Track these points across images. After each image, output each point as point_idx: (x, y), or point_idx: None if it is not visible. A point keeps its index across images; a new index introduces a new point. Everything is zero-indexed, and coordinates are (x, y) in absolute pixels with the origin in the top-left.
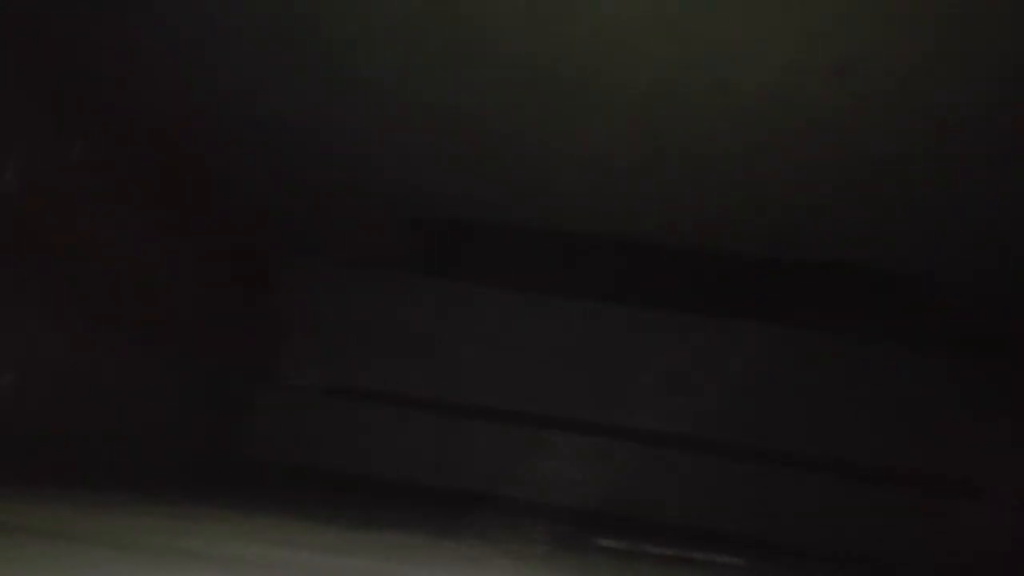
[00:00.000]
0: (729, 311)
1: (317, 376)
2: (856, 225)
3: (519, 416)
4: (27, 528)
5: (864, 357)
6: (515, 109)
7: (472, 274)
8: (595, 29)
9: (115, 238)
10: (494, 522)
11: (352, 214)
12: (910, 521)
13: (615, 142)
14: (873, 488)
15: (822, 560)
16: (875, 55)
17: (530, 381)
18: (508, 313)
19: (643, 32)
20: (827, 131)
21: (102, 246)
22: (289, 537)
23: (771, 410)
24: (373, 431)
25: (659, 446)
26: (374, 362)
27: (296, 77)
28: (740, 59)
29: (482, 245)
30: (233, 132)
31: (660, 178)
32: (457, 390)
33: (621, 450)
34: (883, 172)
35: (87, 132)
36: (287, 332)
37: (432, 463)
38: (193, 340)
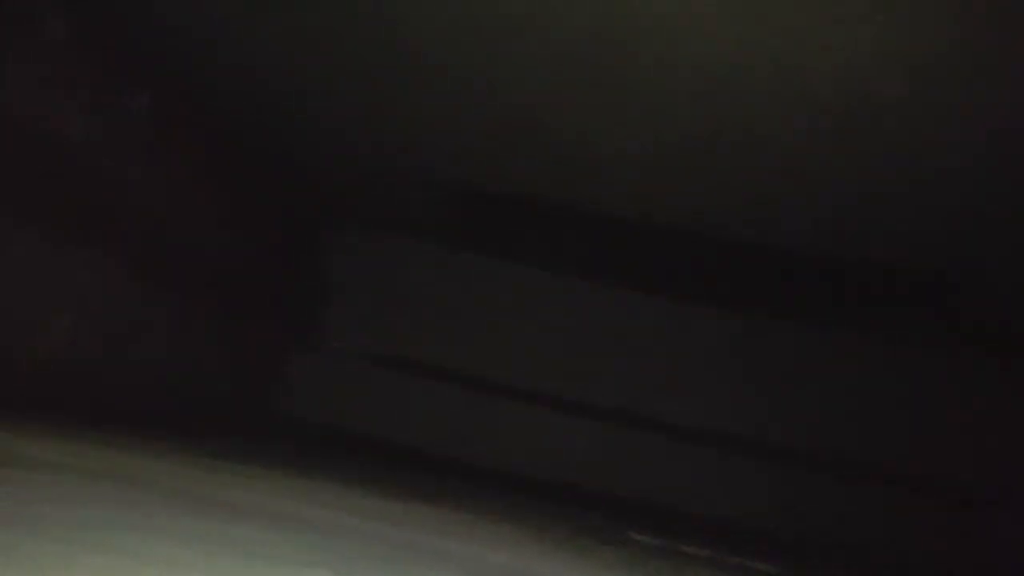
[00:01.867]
0: (765, 308)
1: (360, 343)
2: (908, 223)
3: (556, 399)
4: (79, 469)
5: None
6: (568, 90)
7: (513, 252)
8: (661, 6)
9: (171, 197)
10: (530, 506)
11: (399, 186)
12: (950, 528)
13: (671, 127)
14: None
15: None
16: (952, 55)
17: (570, 366)
18: (546, 294)
19: (707, 15)
20: (893, 127)
21: (159, 203)
22: (339, 502)
23: (799, 410)
24: (410, 400)
25: (693, 441)
26: (414, 332)
27: (348, 60)
28: (811, 47)
29: (524, 223)
30: (286, 105)
31: (711, 165)
32: (494, 368)
33: (652, 441)
34: (945, 173)
35: (151, 92)
36: (333, 299)
37: (466, 439)
38: (240, 300)
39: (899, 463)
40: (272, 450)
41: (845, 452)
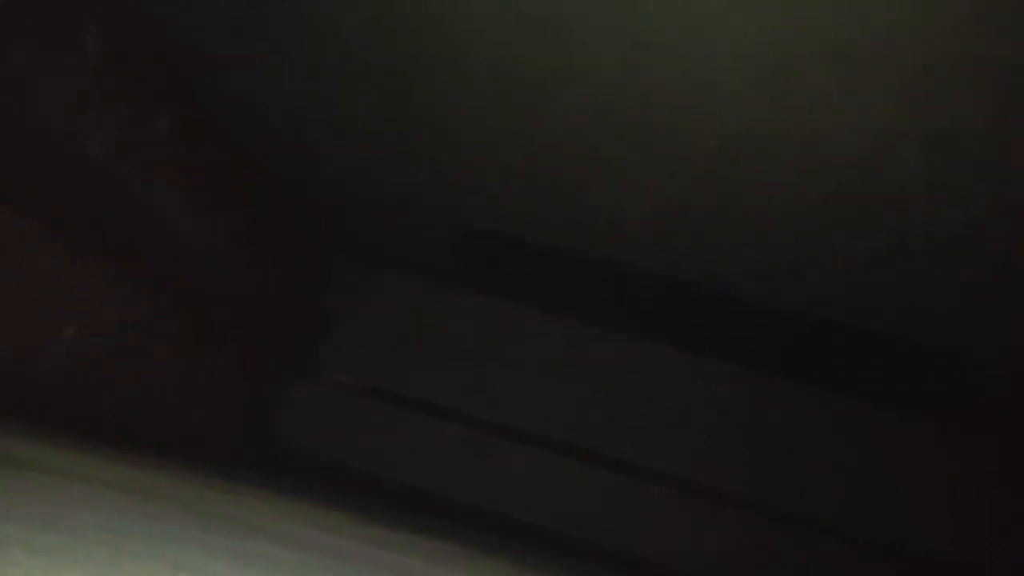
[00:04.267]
0: (769, 368)
1: (357, 377)
2: (914, 297)
3: (548, 441)
4: (93, 479)
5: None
6: (588, 140)
7: (517, 294)
8: (691, 71)
9: (186, 221)
10: (525, 546)
11: (405, 224)
12: None
13: (686, 183)
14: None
15: None
16: (965, 127)
17: (571, 412)
18: (548, 338)
19: (738, 82)
20: (908, 199)
21: (173, 226)
22: (342, 528)
23: (794, 472)
24: (408, 437)
25: (678, 494)
26: (416, 370)
27: (362, 94)
28: (834, 122)
29: (531, 267)
30: (299, 140)
31: (723, 225)
32: (495, 410)
33: (641, 492)
34: (956, 247)
35: (168, 115)
36: (334, 332)
37: (462, 478)
38: (244, 327)
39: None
40: (272, 477)
41: (840, 520)
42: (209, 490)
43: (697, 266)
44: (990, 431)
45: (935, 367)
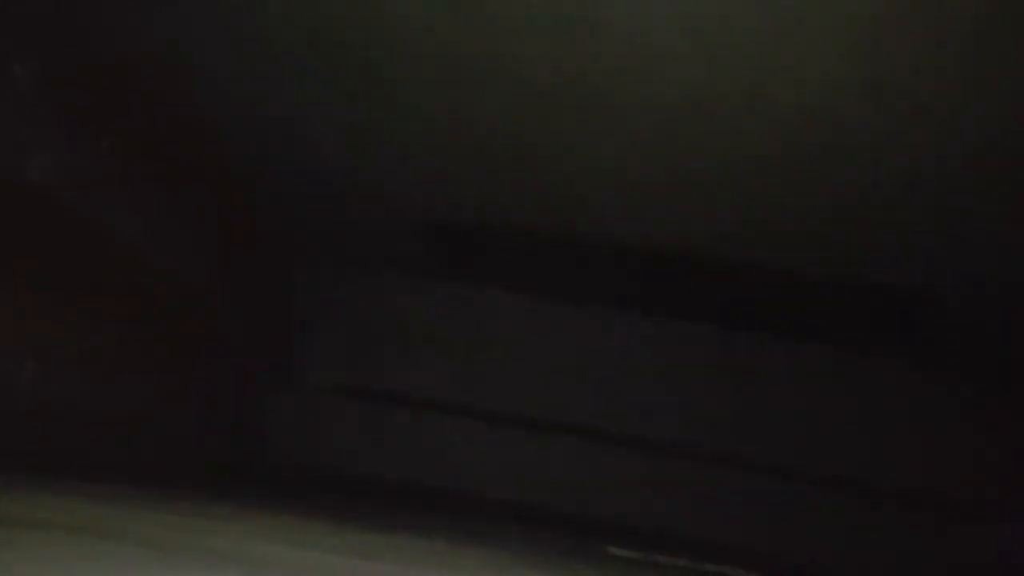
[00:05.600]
0: (746, 324)
1: (337, 377)
2: (879, 243)
3: (537, 422)
4: (54, 524)
5: (880, 376)
6: (540, 118)
7: (490, 279)
8: (625, 40)
9: (139, 236)
10: (511, 529)
11: (374, 217)
12: (918, 540)
13: (640, 152)
14: (882, 508)
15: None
16: (911, 73)
17: (549, 388)
18: (525, 319)
19: (673, 45)
20: (858, 148)
21: (126, 243)
22: (314, 539)
23: (783, 426)
24: (392, 433)
25: (669, 456)
26: (394, 364)
27: (321, 84)
28: (773, 74)
29: (501, 250)
30: (256, 136)
31: (683, 190)
32: (476, 395)
33: (632, 459)
34: (912, 191)
35: (113, 132)
36: (308, 333)
37: (449, 467)
38: (215, 339)
39: (875, 477)
40: (253, 491)
41: (821, 465)
42: (179, 518)
43: (664, 232)
44: (960, 369)
45: (903, 310)
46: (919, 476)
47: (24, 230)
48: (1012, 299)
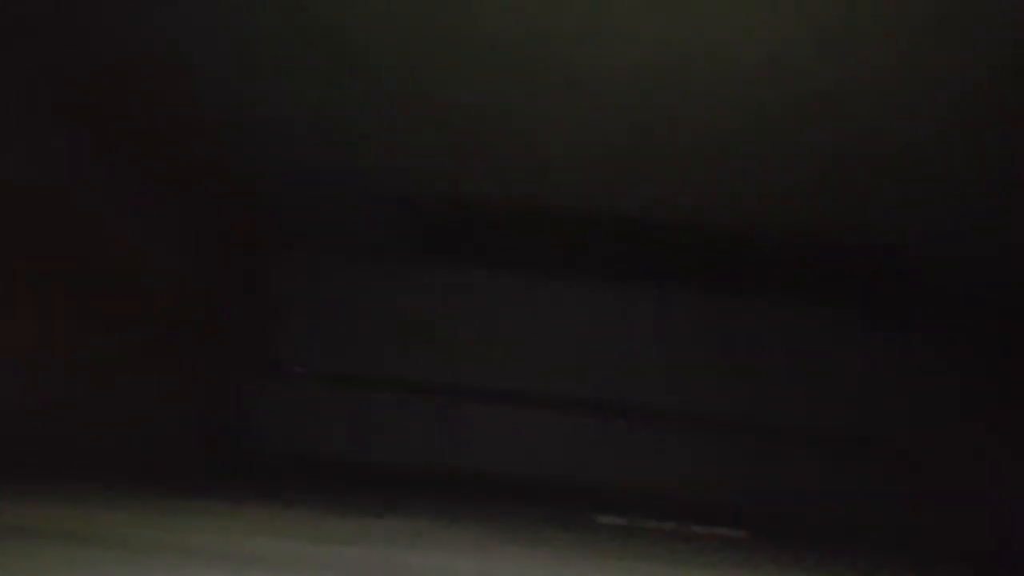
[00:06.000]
0: (721, 287)
1: (317, 364)
2: (843, 201)
3: (519, 396)
4: (29, 528)
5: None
6: (506, 91)
7: (465, 258)
8: (584, 9)
9: (111, 231)
10: (497, 504)
11: (347, 200)
12: (895, 488)
13: (606, 117)
14: (862, 458)
15: (820, 527)
16: (871, 28)
17: (529, 361)
18: (503, 295)
19: (633, 8)
20: (819, 105)
21: (97, 238)
22: (291, 528)
23: (762, 384)
24: (374, 417)
25: (652, 422)
26: (373, 348)
27: (290, 65)
28: (734, 34)
29: (475, 229)
30: (225, 121)
31: (649, 154)
32: (456, 373)
33: (616, 427)
34: (872, 148)
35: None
36: (286, 321)
37: (433, 447)
38: (192, 331)
39: (853, 429)
40: (235, 483)
41: (800, 421)
42: (157, 517)
43: (637, 202)
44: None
45: (877, 266)
46: (894, 425)
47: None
48: (973, 251)
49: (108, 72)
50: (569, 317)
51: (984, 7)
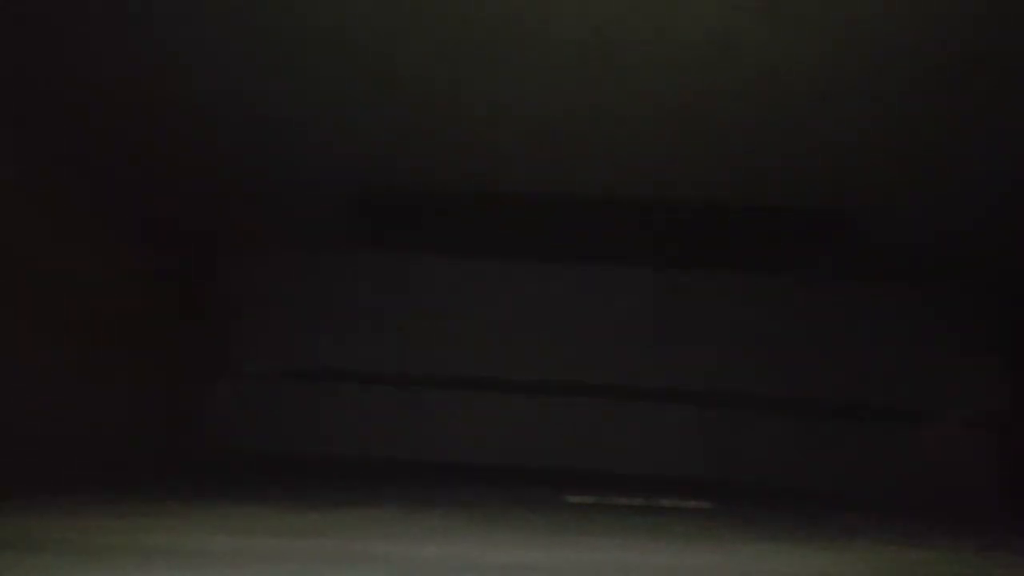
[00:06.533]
0: (675, 262)
1: (272, 359)
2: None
3: (480, 382)
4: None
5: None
6: (455, 73)
7: (417, 245)
8: None
9: (50, 238)
10: (464, 491)
11: (294, 194)
12: (864, 452)
13: (553, 93)
14: (825, 422)
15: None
16: (817, 8)
17: (488, 346)
18: (457, 281)
19: None
20: (761, 71)
21: (36, 246)
22: (251, 524)
23: (720, 355)
24: (334, 410)
25: (621, 400)
26: (330, 341)
27: (230, 52)
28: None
29: (425, 215)
30: (165, 113)
31: (597, 130)
32: (416, 361)
33: (580, 407)
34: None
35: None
36: (239, 319)
37: (396, 437)
38: (144, 335)
39: (810, 391)
40: (198, 482)
41: (759, 389)
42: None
43: (587, 179)
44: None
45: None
46: (852, 388)
47: None
48: (918, 214)
49: (43, 67)
50: (527, 301)
51: None
